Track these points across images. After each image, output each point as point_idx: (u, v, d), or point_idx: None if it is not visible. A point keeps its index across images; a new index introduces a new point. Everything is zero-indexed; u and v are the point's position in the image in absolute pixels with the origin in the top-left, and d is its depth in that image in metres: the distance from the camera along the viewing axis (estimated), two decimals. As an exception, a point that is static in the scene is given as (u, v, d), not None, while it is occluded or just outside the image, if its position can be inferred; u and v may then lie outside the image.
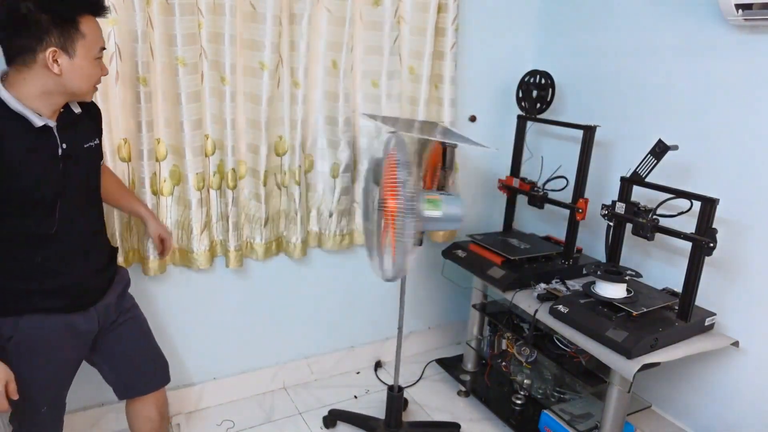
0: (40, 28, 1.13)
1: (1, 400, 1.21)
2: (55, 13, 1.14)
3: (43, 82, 1.18)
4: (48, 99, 1.22)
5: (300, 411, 2.25)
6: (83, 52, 1.19)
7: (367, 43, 2.06)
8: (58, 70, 1.17)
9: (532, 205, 2.22)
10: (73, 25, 1.16)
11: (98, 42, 1.24)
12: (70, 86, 1.22)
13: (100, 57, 1.25)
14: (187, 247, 1.95)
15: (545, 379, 2.14)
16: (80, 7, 1.18)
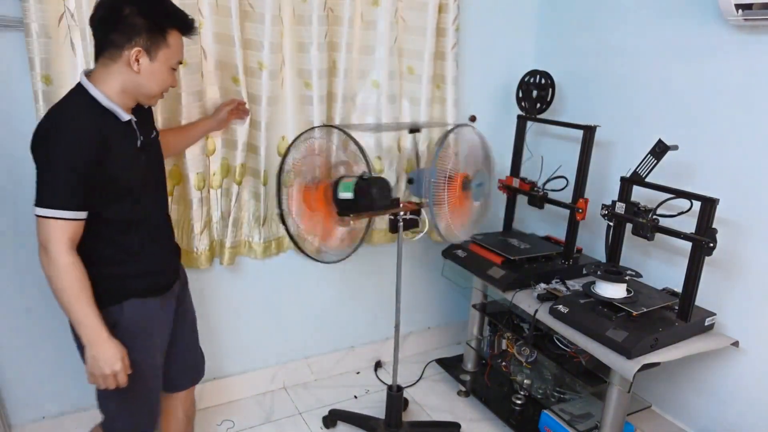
0: (134, 29, 1.25)
1: (121, 375, 1.31)
2: (151, 20, 1.26)
3: (123, 78, 1.28)
4: (125, 97, 1.31)
5: (300, 411, 2.25)
6: (163, 59, 1.31)
7: (368, 43, 2.07)
8: (137, 69, 1.28)
9: (532, 205, 2.22)
10: (162, 34, 1.29)
11: (178, 55, 1.35)
12: (144, 86, 1.32)
13: (175, 68, 1.37)
14: (188, 246, 1.95)
15: (545, 379, 2.14)
16: (173, 22, 1.31)
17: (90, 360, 1.29)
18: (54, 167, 1.21)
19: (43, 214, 1.21)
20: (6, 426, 1.90)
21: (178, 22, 1.32)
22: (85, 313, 1.27)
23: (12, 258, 1.77)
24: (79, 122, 1.23)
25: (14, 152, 1.69)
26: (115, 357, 1.29)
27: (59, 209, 1.21)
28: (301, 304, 2.33)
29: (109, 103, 1.28)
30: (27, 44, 1.55)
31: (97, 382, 1.31)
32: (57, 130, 1.21)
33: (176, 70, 1.39)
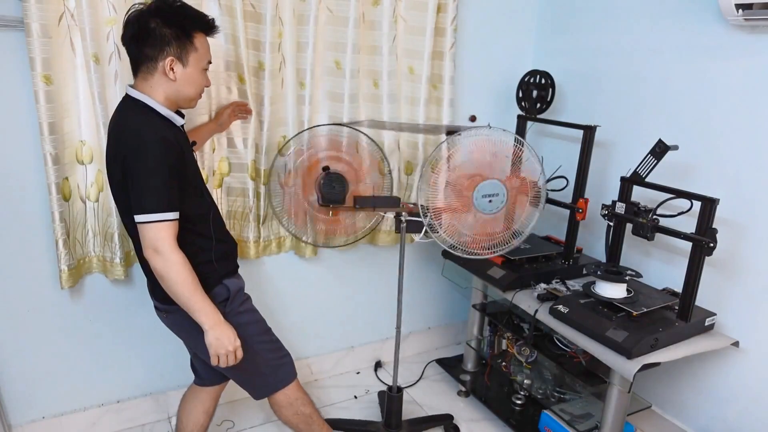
0: (163, 40, 1.33)
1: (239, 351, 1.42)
2: (176, 28, 1.34)
3: (164, 88, 1.38)
4: (169, 104, 1.40)
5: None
6: (194, 63, 1.39)
7: (367, 42, 2.07)
8: (173, 77, 1.36)
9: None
10: (189, 40, 1.36)
11: (206, 56, 1.43)
12: (183, 91, 1.40)
13: (206, 69, 1.44)
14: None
15: (545, 379, 2.14)
16: (196, 25, 1.38)
17: (214, 342, 1.39)
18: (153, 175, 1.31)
19: (151, 219, 1.31)
20: (5, 426, 1.90)
21: (201, 24, 1.39)
22: (203, 301, 1.38)
23: (12, 258, 1.77)
24: (161, 132, 1.33)
25: (14, 152, 1.69)
26: (234, 335, 1.41)
27: (164, 212, 1.32)
28: (301, 304, 2.33)
29: (167, 111, 1.39)
30: (27, 44, 1.55)
31: (222, 361, 1.41)
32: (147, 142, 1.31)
33: (207, 70, 1.45)
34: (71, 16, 1.60)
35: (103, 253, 1.83)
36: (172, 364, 2.10)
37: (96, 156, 1.74)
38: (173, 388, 2.15)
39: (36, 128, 1.63)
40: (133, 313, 1.99)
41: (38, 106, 1.59)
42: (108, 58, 1.67)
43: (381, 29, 2.03)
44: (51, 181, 1.66)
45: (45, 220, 1.75)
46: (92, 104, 1.67)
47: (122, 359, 2.03)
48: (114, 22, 1.64)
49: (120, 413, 2.08)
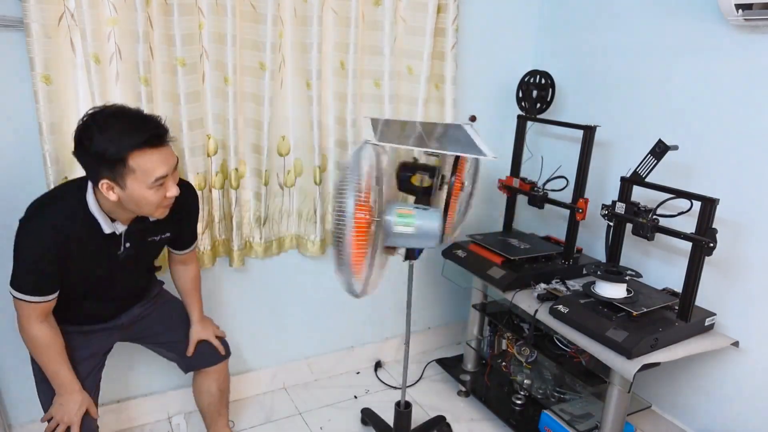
0: (94, 163, 1.27)
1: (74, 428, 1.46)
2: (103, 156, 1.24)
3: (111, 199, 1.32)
4: (122, 210, 1.36)
5: (300, 411, 2.25)
6: (134, 185, 1.28)
7: (368, 43, 2.07)
8: (113, 197, 1.30)
9: (532, 205, 2.22)
10: (121, 163, 1.25)
11: (151, 174, 1.29)
12: (129, 207, 1.34)
13: (158, 185, 1.32)
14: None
15: (545, 379, 2.14)
16: (129, 146, 1.25)
17: (56, 405, 1.46)
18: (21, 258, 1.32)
19: (12, 294, 1.35)
20: (5, 426, 1.90)
21: (137, 143, 1.25)
22: (56, 372, 1.44)
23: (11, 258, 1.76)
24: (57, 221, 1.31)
25: (14, 152, 1.69)
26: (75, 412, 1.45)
27: (26, 294, 1.34)
28: (301, 304, 2.33)
29: (96, 213, 1.35)
30: (27, 44, 1.54)
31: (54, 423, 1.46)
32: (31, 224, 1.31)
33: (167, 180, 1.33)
34: (71, 16, 1.60)
35: (103, 254, 1.83)
36: (171, 364, 2.10)
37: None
38: (173, 388, 2.15)
39: (35, 128, 1.63)
40: (133, 313, 1.99)
41: (38, 106, 1.59)
42: (109, 59, 1.67)
43: (383, 29, 2.03)
44: (50, 180, 1.65)
45: (45, 220, 1.75)
46: (92, 104, 1.66)
47: (122, 359, 2.03)
48: (115, 23, 1.64)
49: (120, 413, 2.08)
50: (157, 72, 1.76)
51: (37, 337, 1.41)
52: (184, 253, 1.70)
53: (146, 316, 1.72)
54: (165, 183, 1.34)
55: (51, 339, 1.42)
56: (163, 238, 1.55)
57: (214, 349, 1.78)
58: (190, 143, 1.83)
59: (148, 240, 1.50)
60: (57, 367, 1.44)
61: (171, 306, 1.80)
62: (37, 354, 1.44)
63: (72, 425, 1.45)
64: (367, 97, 2.13)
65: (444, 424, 2.13)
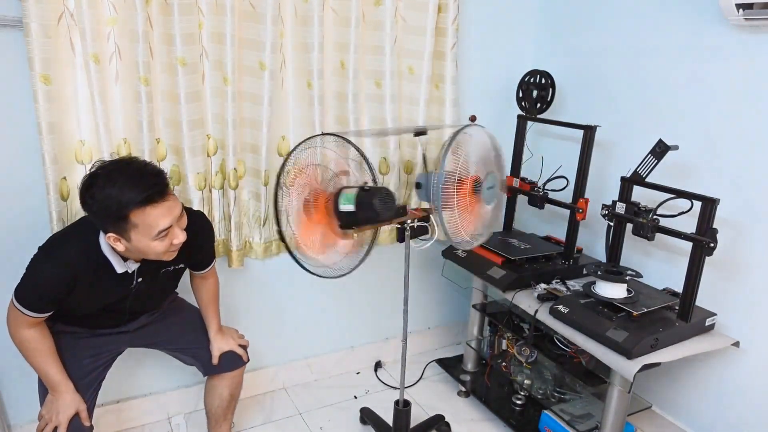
0: (97, 220, 1.33)
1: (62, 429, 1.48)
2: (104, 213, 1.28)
3: None
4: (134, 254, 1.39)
5: (300, 411, 2.24)
6: (138, 237, 1.32)
7: (369, 43, 2.07)
8: (121, 248, 1.35)
9: (532, 205, 2.22)
10: (124, 220, 1.29)
11: (154, 228, 1.31)
12: (139, 256, 1.40)
13: (163, 236, 1.34)
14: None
15: (545, 380, 2.14)
16: (129, 206, 1.27)
17: (47, 403, 1.49)
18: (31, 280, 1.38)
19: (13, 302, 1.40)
20: (5, 426, 1.90)
21: (137, 201, 1.27)
22: (45, 372, 1.46)
23: (10, 257, 1.76)
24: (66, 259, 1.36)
25: (13, 151, 1.69)
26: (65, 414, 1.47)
27: (24, 308, 1.39)
28: (301, 304, 2.33)
29: (109, 255, 1.39)
30: (27, 44, 1.54)
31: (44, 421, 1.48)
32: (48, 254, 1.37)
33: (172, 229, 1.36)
34: (71, 16, 1.60)
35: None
36: (172, 365, 2.10)
37: (95, 156, 1.74)
38: (173, 388, 2.15)
39: (35, 128, 1.63)
40: (133, 313, 1.99)
41: (37, 105, 1.59)
42: (108, 58, 1.67)
43: (384, 29, 2.03)
44: (49, 180, 1.66)
45: (43, 220, 1.75)
46: (92, 104, 1.67)
47: (122, 359, 2.02)
48: (114, 23, 1.64)
49: (120, 413, 2.08)
50: (157, 72, 1.76)
51: (25, 340, 1.44)
52: (203, 273, 1.73)
53: (155, 322, 1.74)
54: (169, 232, 1.36)
55: (39, 342, 1.45)
56: (177, 268, 1.59)
57: (235, 355, 1.79)
58: (190, 143, 1.83)
59: (161, 272, 1.54)
60: (46, 368, 1.46)
61: (186, 312, 1.83)
62: (26, 355, 1.47)
63: (59, 426, 1.47)
64: (368, 96, 2.13)
65: (443, 423, 2.13)
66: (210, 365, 1.78)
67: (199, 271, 1.73)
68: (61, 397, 1.48)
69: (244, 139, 1.97)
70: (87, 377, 1.57)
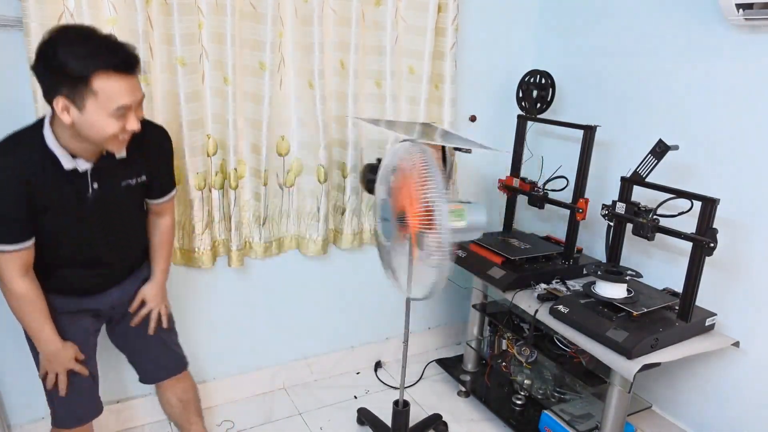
0: (51, 81, 1.18)
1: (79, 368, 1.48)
2: (65, 70, 1.15)
3: (66, 126, 1.22)
4: (80, 143, 1.26)
5: (300, 411, 2.24)
6: (93, 109, 1.19)
7: (369, 43, 2.07)
8: (67, 120, 1.20)
9: (532, 205, 2.22)
10: (83, 82, 1.16)
11: (114, 101, 1.19)
12: (83, 135, 1.23)
13: (120, 114, 1.22)
14: (189, 246, 1.95)
15: (545, 380, 2.14)
16: (94, 66, 1.16)
17: (45, 363, 1.45)
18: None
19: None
20: (5, 426, 1.89)
21: (104, 64, 1.16)
22: (39, 329, 1.40)
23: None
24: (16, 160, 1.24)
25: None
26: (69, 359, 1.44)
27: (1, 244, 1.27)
28: (301, 304, 2.33)
29: (54, 148, 1.25)
30: (26, 44, 1.54)
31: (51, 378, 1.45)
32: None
33: (129, 111, 1.24)
34: (71, 16, 1.59)
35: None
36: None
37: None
38: (173, 389, 2.15)
39: (35, 128, 1.63)
40: (133, 313, 1.98)
41: (37, 106, 1.59)
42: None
43: (384, 29, 2.03)
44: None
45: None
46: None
47: (122, 359, 2.02)
48: (114, 22, 1.64)
49: (120, 413, 2.08)
50: (157, 72, 1.76)
51: (19, 293, 1.33)
52: (161, 202, 1.55)
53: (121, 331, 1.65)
54: (126, 115, 1.23)
55: (34, 295, 1.36)
56: (140, 181, 1.43)
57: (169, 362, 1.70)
58: (190, 143, 1.83)
59: (122, 185, 1.39)
60: (40, 325, 1.39)
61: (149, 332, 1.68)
62: (20, 311, 1.37)
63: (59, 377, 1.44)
64: (368, 96, 2.13)
65: (440, 422, 2.13)
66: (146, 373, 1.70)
67: (156, 199, 1.54)
68: (57, 353, 1.43)
69: (244, 139, 1.97)
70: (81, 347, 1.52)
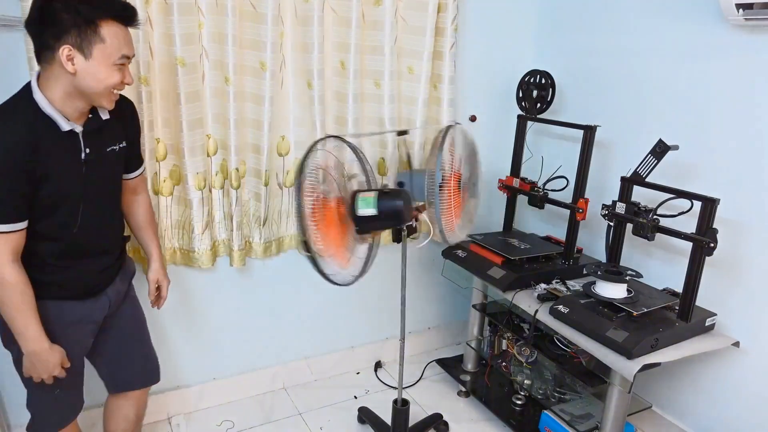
0: (61, 26, 1.18)
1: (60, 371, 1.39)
2: (77, 13, 1.17)
3: (63, 81, 1.23)
4: (71, 102, 1.27)
5: (300, 411, 2.24)
6: (100, 56, 1.22)
7: (369, 43, 2.07)
8: (71, 69, 1.21)
9: (532, 205, 2.22)
10: (93, 28, 1.19)
11: (120, 49, 1.24)
12: (83, 86, 1.24)
13: (122, 64, 1.27)
14: (189, 246, 1.95)
15: (545, 380, 2.14)
16: (103, 12, 1.20)
17: (28, 365, 1.36)
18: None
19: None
20: (5, 426, 1.89)
21: (110, 10, 1.22)
22: (26, 325, 1.31)
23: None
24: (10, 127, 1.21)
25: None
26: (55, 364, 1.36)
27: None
28: (301, 304, 2.33)
29: (49, 110, 1.24)
30: (26, 43, 1.54)
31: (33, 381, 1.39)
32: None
33: (126, 65, 1.28)
34: (71, 16, 1.59)
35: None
36: (171, 365, 2.10)
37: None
38: (173, 389, 2.15)
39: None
40: (133, 313, 1.98)
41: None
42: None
43: (383, 29, 2.03)
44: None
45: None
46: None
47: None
48: (114, 22, 1.63)
49: (120, 413, 2.08)
50: (157, 72, 1.76)
51: (8, 280, 1.26)
52: (136, 175, 1.57)
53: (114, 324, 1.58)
54: (125, 67, 1.28)
55: (23, 285, 1.29)
56: (121, 148, 1.45)
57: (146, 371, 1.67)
58: (190, 143, 1.83)
59: (107, 150, 1.40)
60: (27, 319, 1.30)
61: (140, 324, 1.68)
62: (7, 302, 1.28)
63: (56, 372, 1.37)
64: (368, 96, 2.13)
65: (441, 422, 2.13)
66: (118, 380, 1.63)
67: (132, 173, 1.56)
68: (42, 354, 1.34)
69: (245, 139, 1.97)
70: None
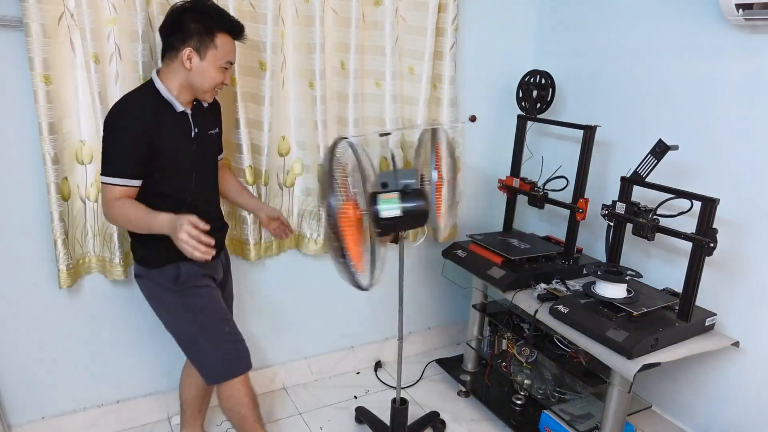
0: (188, 33, 1.50)
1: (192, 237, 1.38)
2: (201, 24, 1.50)
3: (180, 76, 1.53)
4: (183, 92, 1.56)
5: (300, 411, 2.24)
6: (211, 59, 1.53)
7: (369, 43, 2.07)
8: (189, 66, 1.51)
9: (532, 205, 2.22)
10: (210, 37, 1.51)
11: (226, 56, 1.56)
12: (195, 81, 1.54)
13: (225, 68, 1.57)
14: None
15: (545, 380, 2.14)
16: (220, 27, 1.53)
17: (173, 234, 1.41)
18: (113, 141, 1.46)
19: (102, 180, 1.47)
20: (5, 426, 1.90)
21: (225, 26, 1.54)
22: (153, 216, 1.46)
23: (10, 257, 1.77)
24: (138, 106, 1.49)
25: (13, 152, 1.69)
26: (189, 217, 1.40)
27: (112, 177, 1.46)
28: (301, 304, 2.33)
29: (168, 95, 1.53)
30: (27, 44, 1.54)
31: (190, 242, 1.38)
32: (120, 111, 1.48)
33: (228, 69, 1.58)
34: (71, 16, 1.60)
35: (103, 253, 1.83)
36: (171, 364, 2.10)
37: (95, 156, 1.74)
38: (173, 389, 2.15)
39: (35, 128, 1.63)
40: (133, 313, 1.99)
41: (38, 106, 1.59)
42: (108, 58, 1.67)
43: (384, 30, 2.03)
44: (50, 180, 1.66)
45: (44, 220, 1.75)
46: (92, 104, 1.67)
47: (122, 359, 2.03)
48: (114, 22, 1.64)
49: (120, 413, 2.08)
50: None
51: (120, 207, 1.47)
52: (221, 157, 1.83)
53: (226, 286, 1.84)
54: (227, 71, 1.58)
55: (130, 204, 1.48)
56: (217, 132, 1.72)
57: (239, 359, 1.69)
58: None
59: (209, 133, 1.66)
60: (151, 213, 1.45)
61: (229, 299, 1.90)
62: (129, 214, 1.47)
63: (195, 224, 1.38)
64: (368, 96, 2.13)
65: (438, 420, 2.13)
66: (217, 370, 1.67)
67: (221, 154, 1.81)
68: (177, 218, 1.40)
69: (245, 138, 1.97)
70: None
